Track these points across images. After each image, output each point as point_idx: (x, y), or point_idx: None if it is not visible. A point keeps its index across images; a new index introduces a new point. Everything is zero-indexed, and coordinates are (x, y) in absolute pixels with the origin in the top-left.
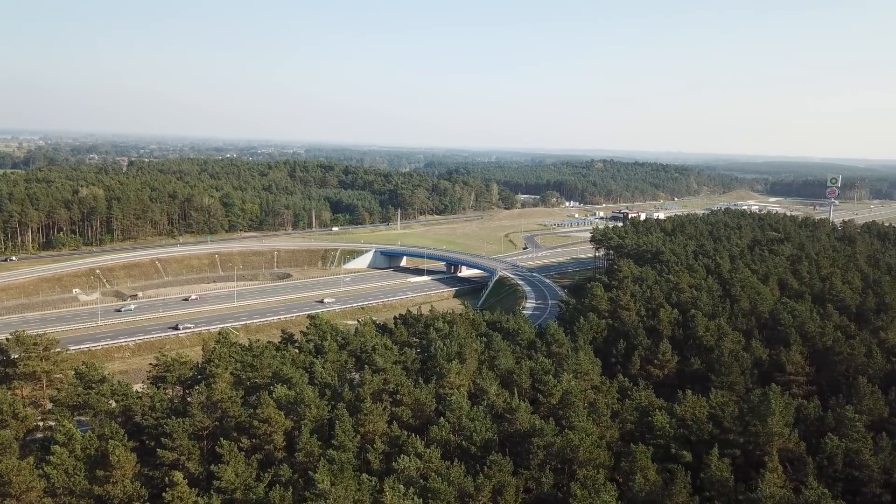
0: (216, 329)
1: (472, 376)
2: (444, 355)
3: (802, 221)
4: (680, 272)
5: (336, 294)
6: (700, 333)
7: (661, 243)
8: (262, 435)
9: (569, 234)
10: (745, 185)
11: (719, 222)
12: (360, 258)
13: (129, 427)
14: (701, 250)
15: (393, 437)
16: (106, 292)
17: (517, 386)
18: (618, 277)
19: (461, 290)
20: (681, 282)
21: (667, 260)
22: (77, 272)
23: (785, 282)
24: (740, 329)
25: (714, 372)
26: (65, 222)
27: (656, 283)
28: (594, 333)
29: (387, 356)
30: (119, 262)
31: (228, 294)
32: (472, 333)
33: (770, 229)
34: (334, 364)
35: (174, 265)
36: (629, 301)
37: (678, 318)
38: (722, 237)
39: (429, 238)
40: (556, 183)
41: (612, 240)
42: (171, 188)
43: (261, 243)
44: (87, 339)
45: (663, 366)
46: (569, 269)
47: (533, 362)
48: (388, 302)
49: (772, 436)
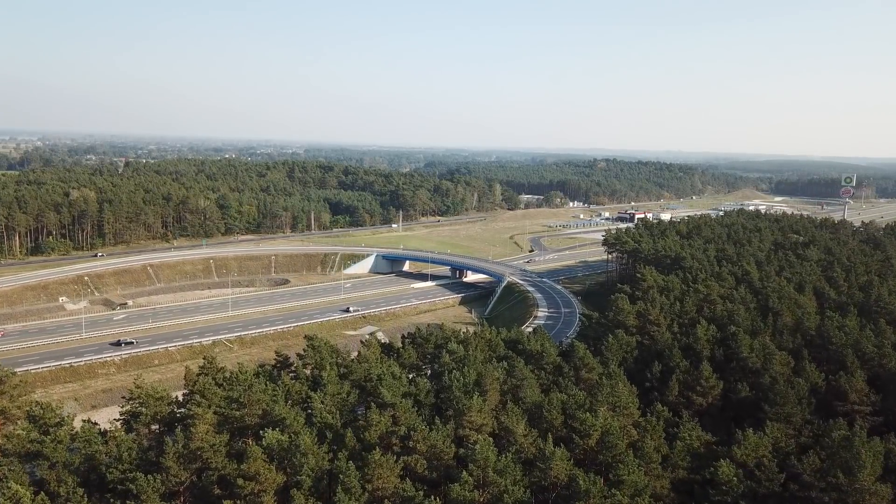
0: (209, 342)
1: (495, 411)
2: (461, 387)
3: (821, 223)
4: (708, 281)
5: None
6: (744, 354)
7: (680, 248)
8: (249, 496)
9: (575, 235)
10: (750, 184)
11: (736, 224)
12: (361, 263)
13: (92, 480)
14: (723, 255)
15: (406, 498)
16: (94, 300)
17: (547, 423)
18: (641, 287)
19: (467, 297)
20: (711, 292)
21: (689, 266)
22: (64, 279)
23: (821, 291)
24: (786, 348)
25: (767, 401)
26: (54, 226)
27: (684, 293)
28: (623, 353)
29: (395, 388)
30: (109, 269)
31: (223, 302)
32: (489, 356)
33: (790, 231)
34: (335, 398)
35: (167, 271)
36: (659, 315)
37: (716, 335)
38: (742, 240)
39: (431, 240)
40: (559, 183)
41: (626, 244)
42: (165, 190)
43: (258, 247)
44: (69, 353)
45: (706, 393)
46: (579, 273)
47: (564, 394)
48: (392, 310)
49: (863, 493)
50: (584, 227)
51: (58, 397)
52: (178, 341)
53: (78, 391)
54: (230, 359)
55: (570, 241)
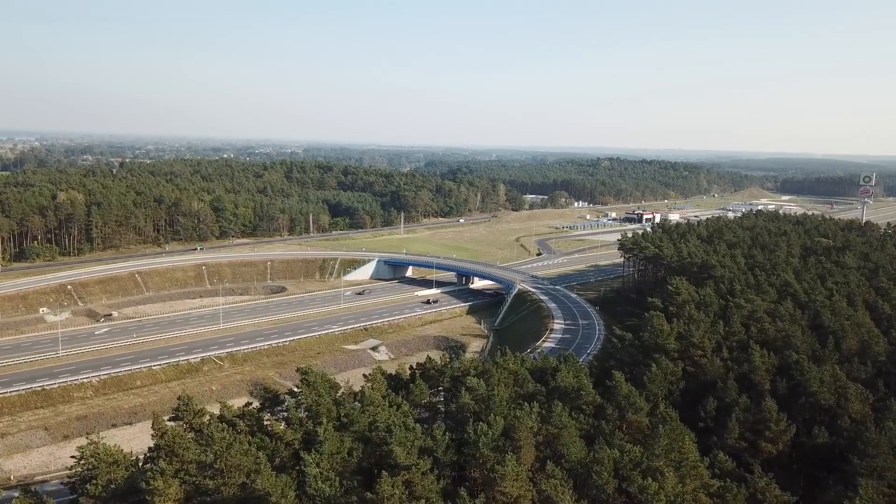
0: (196, 359)
1: (531, 473)
2: (489, 443)
3: (847, 225)
4: (748, 294)
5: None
6: (814, 388)
7: (705, 253)
8: None
9: (583, 237)
10: (755, 182)
11: (758, 227)
12: (361, 268)
13: None
14: (754, 262)
15: None
16: (77, 311)
17: (598, 489)
18: (675, 301)
19: (475, 305)
20: (756, 309)
21: (720, 276)
22: (46, 288)
23: (873, 305)
24: (857, 378)
25: (853, 450)
26: (39, 230)
27: (724, 309)
28: (669, 385)
29: (408, 442)
30: (94, 277)
31: (214, 313)
32: (516, 394)
33: (817, 234)
34: (334, 458)
35: (156, 279)
36: (703, 338)
37: (774, 363)
38: (768, 245)
39: (434, 243)
40: (563, 182)
41: (646, 249)
42: (157, 192)
43: (253, 252)
44: (42, 374)
45: (776, 438)
46: (591, 278)
47: (614, 448)
48: (396, 321)
49: None
50: (592, 228)
51: (26, 426)
52: (164, 359)
53: (49, 419)
54: (219, 378)
55: (578, 243)
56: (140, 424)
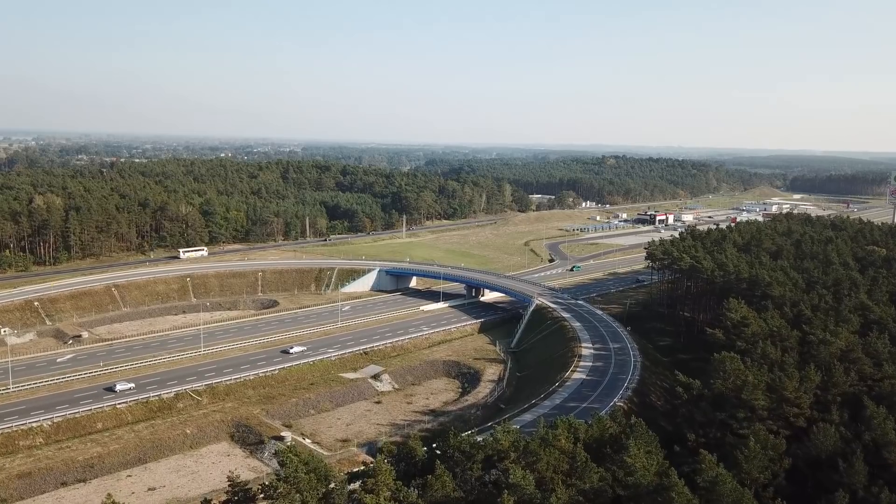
0: (170, 394)
1: None
2: None
3: (890, 230)
4: (832, 326)
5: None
6: None
7: (750, 266)
8: None
9: (596, 240)
10: (764, 180)
11: (797, 232)
12: (361, 279)
13: None
14: (810, 278)
15: None
16: (43, 331)
17: None
18: (742, 334)
19: (487, 322)
20: (852, 349)
21: (778, 296)
22: (9, 305)
23: None
24: None
25: None
26: (12, 238)
27: (804, 345)
28: (772, 466)
29: None
30: (65, 292)
31: (196, 334)
32: (570, 484)
33: (865, 241)
34: None
35: (135, 292)
36: (800, 393)
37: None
38: (818, 255)
39: (439, 248)
40: (569, 181)
41: (681, 260)
42: (143, 195)
43: (243, 261)
44: None
45: None
46: (611, 288)
47: None
48: (400, 343)
49: None
50: (604, 230)
51: None
52: (131, 395)
53: None
54: (196, 418)
55: (591, 247)
56: (96, 482)
